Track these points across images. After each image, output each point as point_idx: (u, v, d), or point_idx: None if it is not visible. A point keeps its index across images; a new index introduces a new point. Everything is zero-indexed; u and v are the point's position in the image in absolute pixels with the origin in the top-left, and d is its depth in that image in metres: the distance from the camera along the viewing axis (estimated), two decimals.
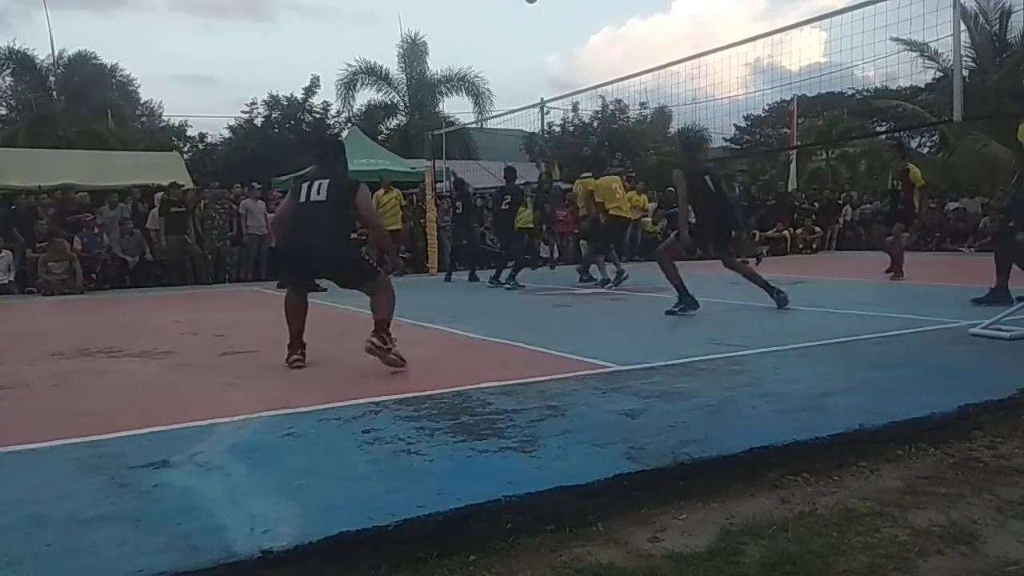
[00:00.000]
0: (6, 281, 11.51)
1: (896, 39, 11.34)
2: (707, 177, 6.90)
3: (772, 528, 2.20)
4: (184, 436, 3.08)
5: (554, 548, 2.13)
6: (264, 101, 23.54)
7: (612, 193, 10.10)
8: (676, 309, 6.71)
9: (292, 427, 3.15)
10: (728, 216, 7.24)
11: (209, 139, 25.22)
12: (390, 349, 4.45)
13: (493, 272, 10.72)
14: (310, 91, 23.81)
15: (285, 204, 5.08)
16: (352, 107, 25.29)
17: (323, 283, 5.17)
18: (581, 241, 13.31)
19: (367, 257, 5.68)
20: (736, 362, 4.34)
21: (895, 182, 10.29)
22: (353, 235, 14.22)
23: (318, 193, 4.70)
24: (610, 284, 9.79)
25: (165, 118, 27.96)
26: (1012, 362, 4.18)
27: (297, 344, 4.81)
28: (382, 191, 13.05)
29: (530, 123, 22.23)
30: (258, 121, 23.54)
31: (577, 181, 11.89)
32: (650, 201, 16.39)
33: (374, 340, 4.41)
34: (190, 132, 26.52)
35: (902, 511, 2.32)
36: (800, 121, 23.96)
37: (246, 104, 23.85)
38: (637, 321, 6.91)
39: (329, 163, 5.09)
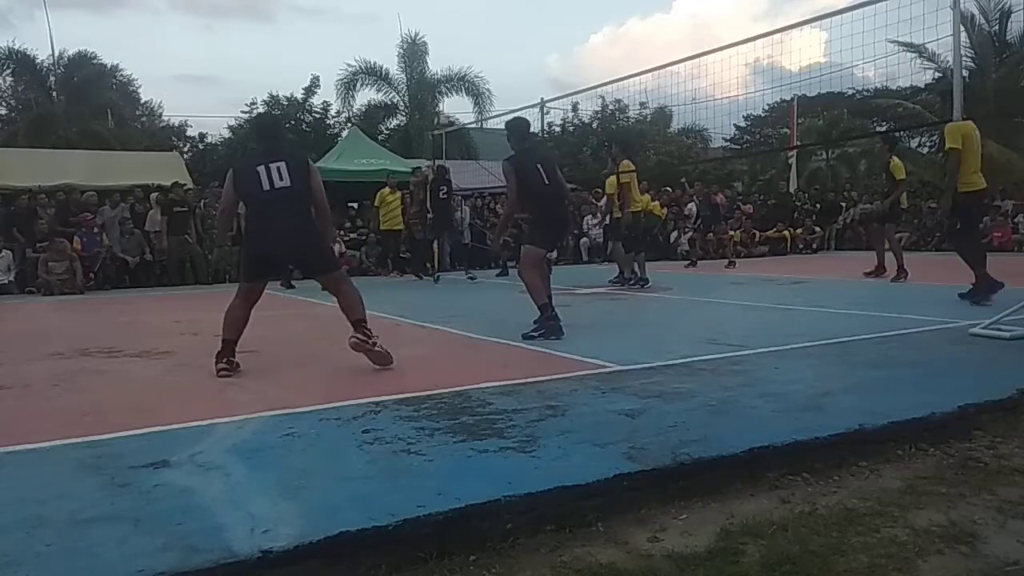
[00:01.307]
0: (6, 281, 11.51)
1: (895, 41, 11.34)
2: (539, 166, 5.72)
3: (772, 528, 2.20)
4: (184, 436, 3.08)
5: (554, 548, 2.13)
6: (264, 101, 23.58)
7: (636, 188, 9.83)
8: (534, 332, 5.43)
9: (292, 427, 3.15)
10: (559, 216, 6.02)
11: (209, 139, 25.27)
12: (374, 343, 4.48)
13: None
14: (310, 91, 23.85)
15: (238, 190, 4.64)
16: (352, 107, 25.30)
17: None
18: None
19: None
20: (736, 362, 4.34)
21: (883, 175, 10.36)
22: (353, 234, 14.23)
23: (280, 179, 4.47)
24: (637, 284, 9.63)
25: (165, 118, 28.01)
26: (1012, 362, 4.17)
27: (227, 353, 4.53)
28: (387, 190, 13.03)
29: (530, 123, 22.25)
30: None
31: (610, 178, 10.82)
32: (653, 200, 16.38)
33: (357, 336, 4.46)
34: (190, 132, 26.58)
35: (902, 511, 2.32)
36: (800, 121, 23.97)
37: (246, 104, 23.91)
38: (637, 321, 6.91)
39: (274, 140, 4.81)
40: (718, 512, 2.35)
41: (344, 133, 22.21)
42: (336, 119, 24.87)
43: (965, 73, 18.26)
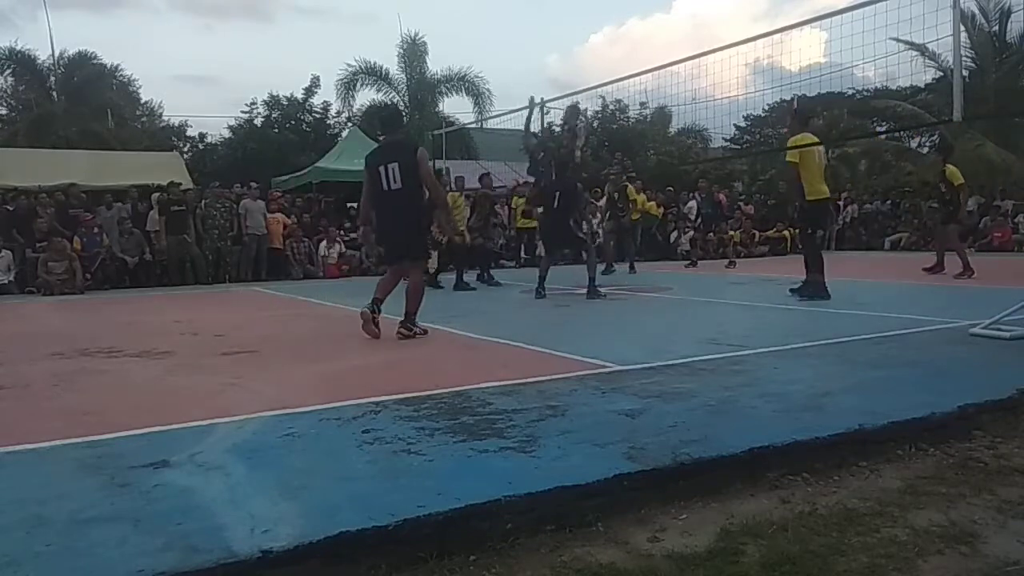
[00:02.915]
0: (6, 281, 11.51)
1: (896, 39, 11.36)
2: (557, 193, 8.45)
3: (772, 528, 2.20)
4: (184, 436, 3.07)
5: (554, 548, 2.13)
6: (264, 101, 23.56)
7: None
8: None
9: (292, 427, 3.15)
10: (554, 231, 8.82)
11: (209, 139, 25.25)
12: (415, 334, 5.63)
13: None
14: (310, 91, 23.85)
15: (369, 186, 5.78)
16: (352, 107, 25.27)
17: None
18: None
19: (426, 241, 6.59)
20: (736, 362, 4.34)
21: (939, 184, 10.68)
22: (353, 234, 14.07)
23: (394, 180, 5.52)
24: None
25: (165, 118, 27.98)
26: (1012, 362, 4.17)
27: (374, 304, 5.60)
28: (457, 193, 12.68)
29: (530, 123, 22.20)
30: (258, 121, 23.54)
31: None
32: (649, 200, 16.37)
33: (402, 331, 5.58)
34: (190, 132, 26.55)
35: (902, 511, 2.32)
36: None
37: (246, 104, 23.88)
38: (637, 321, 6.91)
39: (393, 135, 5.92)
40: (718, 512, 2.35)
41: (344, 133, 22.20)
42: (336, 119, 24.85)
43: (965, 73, 18.27)
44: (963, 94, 7.03)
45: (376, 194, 5.71)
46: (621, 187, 12.91)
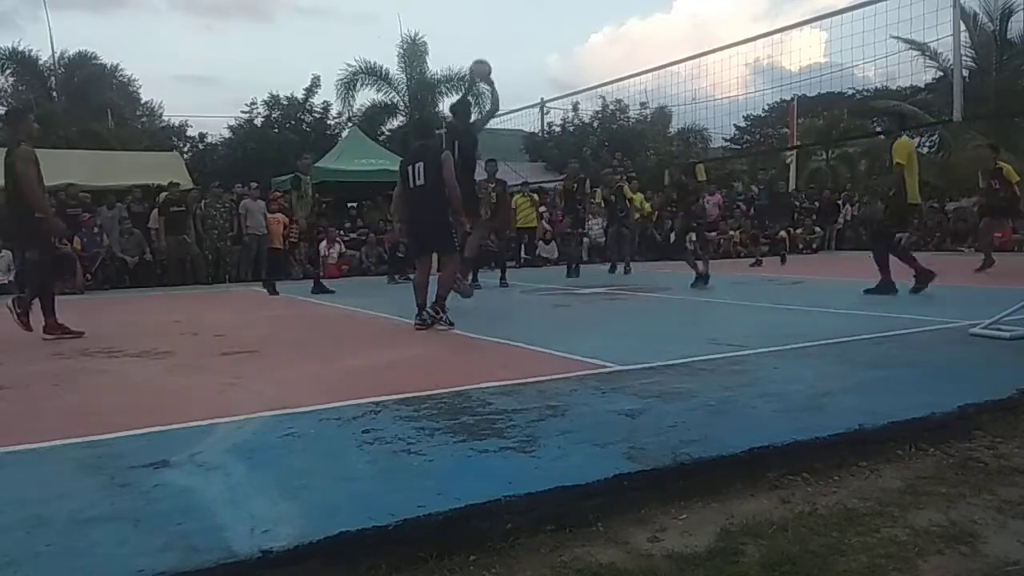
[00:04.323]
0: (6, 281, 11.50)
1: (896, 38, 11.36)
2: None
3: (772, 528, 2.20)
4: (184, 436, 3.07)
5: (554, 548, 2.13)
6: (264, 101, 23.48)
7: None
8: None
9: (292, 427, 3.15)
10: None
11: (209, 139, 25.20)
12: (440, 319, 5.97)
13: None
14: (310, 91, 23.77)
15: (400, 185, 6.40)
16: (352, 107, 25.21)
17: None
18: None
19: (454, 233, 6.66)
20: (736, 362, 4.34)
21: (992, 181, 10.71)
22: (353, 234, 14.09)
23: (419, 178, 6.00)
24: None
25: (165, 118, 27.92)
26: (1012, 362, 4.17)
27: (420, 311, 6.02)
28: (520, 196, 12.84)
29: (530, 123, 22.23)
30: (258, 121, 23.49)
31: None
32: (646, 200, 16.36)
33: (429, 311, 6.01)
34: (190, 132, 26.50)
35: (902, 511, 2.32)
36: (800, 121, 23.95)
37: (246, 104, 23.79)
38: (637, 321, 6.91)
39: (425, 139, 6.54)
40: (718, 512, 2.35)
41: (344, 133, 22.18)
42: (336, 119, 24.83)
43: (965, 73, 18.24)
44: (963, 94, 7.05)
45: (404, 191, 6.31)
46: (616, 188, 12.83)
